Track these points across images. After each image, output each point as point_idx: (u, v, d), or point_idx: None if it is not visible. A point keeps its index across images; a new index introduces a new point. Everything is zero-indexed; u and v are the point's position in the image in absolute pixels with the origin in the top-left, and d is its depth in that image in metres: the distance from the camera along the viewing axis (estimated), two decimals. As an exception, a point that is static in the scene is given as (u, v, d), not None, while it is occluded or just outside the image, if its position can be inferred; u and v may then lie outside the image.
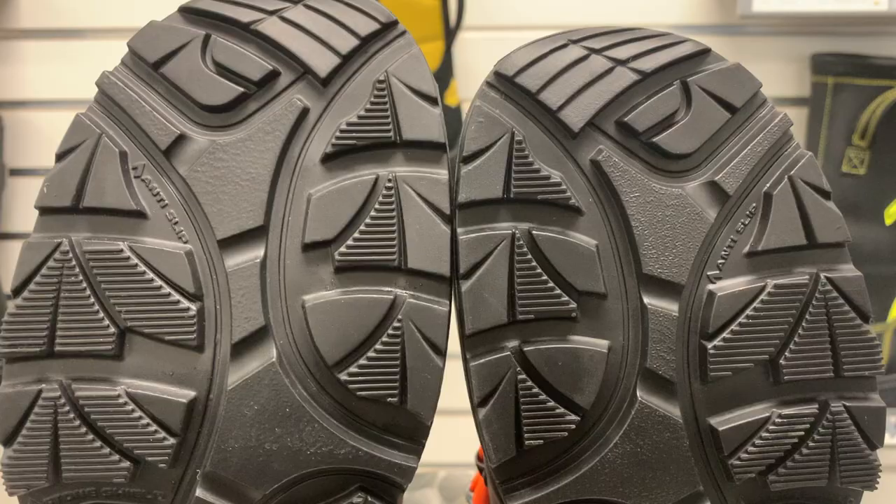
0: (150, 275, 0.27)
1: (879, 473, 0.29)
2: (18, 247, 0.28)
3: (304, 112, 0.28)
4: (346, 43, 0.28)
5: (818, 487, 0.29)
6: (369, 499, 0.28)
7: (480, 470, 0.43)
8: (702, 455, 0.28)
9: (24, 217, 1.00)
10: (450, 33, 0.80)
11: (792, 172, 0.28)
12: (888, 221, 0.88)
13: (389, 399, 0.27)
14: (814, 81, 0.84)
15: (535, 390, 0.27)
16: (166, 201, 0.28)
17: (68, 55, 0.91)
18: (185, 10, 0.29)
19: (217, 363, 0.27)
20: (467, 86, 0.89)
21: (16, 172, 0.95)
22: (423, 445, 0.28)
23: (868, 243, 0.93)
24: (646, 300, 0.28)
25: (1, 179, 0.93)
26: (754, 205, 0.28)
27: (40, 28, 0.91)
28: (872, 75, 0.84)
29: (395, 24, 0.29)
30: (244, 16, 0.29)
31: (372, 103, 0.28)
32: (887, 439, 1.00)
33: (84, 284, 0.27)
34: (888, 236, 0.87)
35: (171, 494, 0.28)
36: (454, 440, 0.72)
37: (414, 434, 0.28)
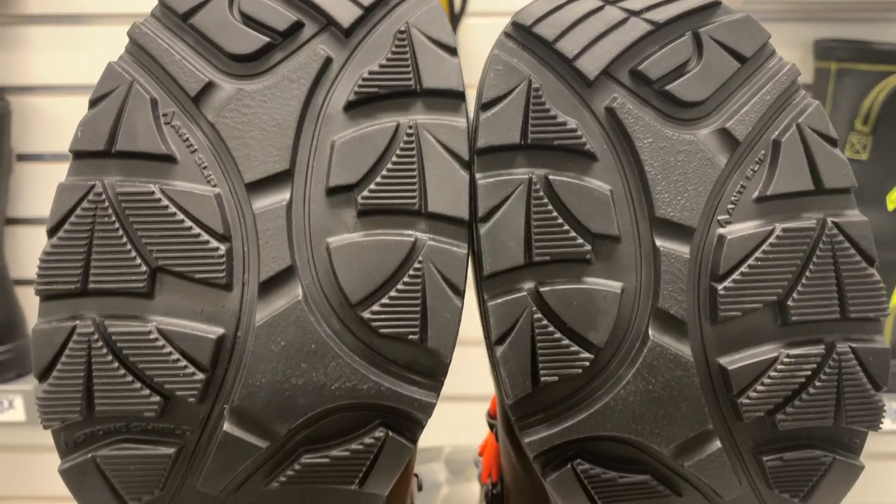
0: (181, 216, 0.28)
1: (884, 414, 0.30)
2: (26, 232, 0.29)
3: (328, 61, 0.29)
4: None
5: (824, 427, 0.30)
6: (391, 434, 0.29)
7: (491, 427, 0.44)
8: (712, 394, 0.29)
9: (32, 202, 1.01)
10: (454, 18, 0.81)
11: (800, 120, 0.29)
12: (890, 207, 0.89)
13: (410, 337, 0.28)
14: (817, 67, 0.85)
15: (551, 329, 0.28)
16: (195, 146, 0.29)
17: (75, 41, 0.92)
18: None
19: (245, 302, 0.28)
20: (471, 72, 0.90)
21: (23, 158, 0.96)
22: (441, 383, 0.29)
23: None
24: (658, 243, 0.29)
25: (8, 165, 0.94)
26: (763, 152, 0.29)
27: (47, 14, 0.92)
28: (875, 61, 0.84)
29: (415, -22, 0.30)
30: None
31: (393, 53, 0.29)
32: (888, 425, 1.01)
33: (117, 225, 0.28)
34: (891, 221, 0.88)
35: (199, 430, 0.29)
36: (459, 424, 0.73)
37: (434, 372, 0.29)
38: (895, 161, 0.86)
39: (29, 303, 0.95)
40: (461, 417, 0.72)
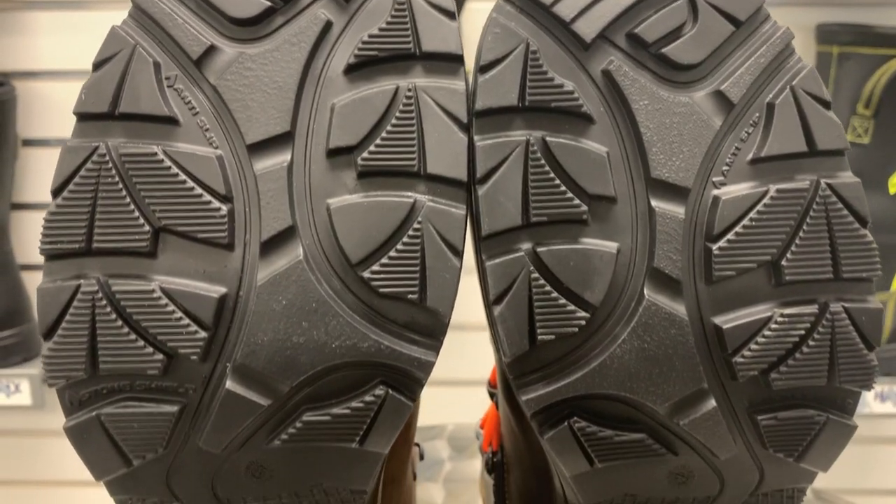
0: (183, 176, 0.28)
1: (876, 374, 0.31)
2: (32, 217, 0.29)
3: (328, 25, 0.29)
4: None
5: (818, 387, 0.30)
6: (391, 392, 0.29)
7: (492, 396, 0.44)
8: (706, 353, 0.30)
9: (37, 188, 1.01)
10: (458, 2, 0.81)
11: (794, 83, 0.29)
12: (892, 190, 0.89)
13: (410, 296, 0.29)
14: (819, 51, 0.85)
15: (548, 288, 0.29)
16: (197, 109, 0.29)
17: (80, 26, 0.92)
18: None
19: (246, 262, 0.29)
20: (472, 57, 0.90)
21: (28, 143, 0.97)
22: (440, 343, 0.30)
23: (872, 212, 0.94)
24: (653, 203, 0.29)
25: (13, 150, 0.94)
26: (758, 114, 0.30)
27: (52, -1, 0.92)
28: (877, 44, 0.84)
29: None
30: None
31: (393, 17, 0.29)
32: (887, 408, 1.01)
33: (120, 185, 0.28)
34: (892, 205, 0.88)
35: (202, 388, 0.29)
36: (461, 406, 0.73)
37: (433, 331, 0.29)
38: (897, 145, 0.86)
39: (35, 288, 0.96)
40: (463, 400, 0.73)
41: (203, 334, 0.28)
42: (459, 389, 0.81)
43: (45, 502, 1.06)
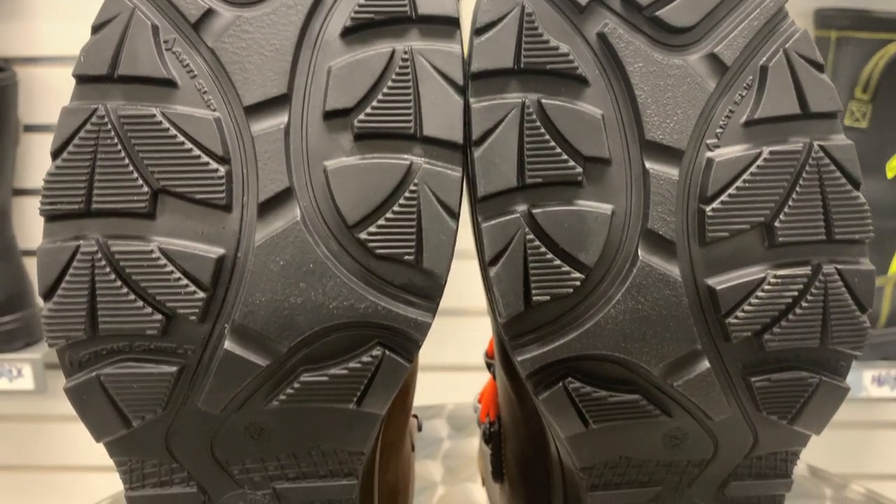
0: (181, 138, 0.29)
1: (868, 337, 0.31)
2: (34, 203, 0.29)
3: (325, -11, 0.29)
4: None
5: (811, 349, 0.31)
6: (387, 353, 0.30)
7: (489, 366, 0.44)
8: (700, 314, 0.30)
9: (39, 173, 1.01)
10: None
11: (787, 46, 0.30)
12: (890, 175, 0.89)
13: (406, 257, 0.29)
14: (816, 36, 0.85)
15: (543, 249, 0.29)
16: (195, 72, 0.29)
17: (81, 11, 0.91)
18: None
19: (244, 223, 0.29)
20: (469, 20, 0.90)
21: (29, 129, 0.97)
22: (437, 304, 0.30)
23: (869, 197, 0.94)
24: (648, 165, 0.29)
25: (15, 135, 0.95)
26: (751, 77, 0.30)
27: (53, -17, 0.92)
28: (875, 29, 0.85)
29: None
30: None
31: (389, -20, 0.29)
32: (886, 392, 1.01)
33: (119, 147, 0.28)
34: (889, 189, 0.89)
35: (201, 349, 0.29)
36: (460, 388, 0.74)
37: (429, 293, 0.30)
38: (894, 129, 0.86)
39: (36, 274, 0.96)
40: (462, 384, 0.73)
41: (201, 294, 0.29)
42: (459, 374, 0.82)
43: (47, 487, 1.07)
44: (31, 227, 0.95)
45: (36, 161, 0.98)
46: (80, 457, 1.05)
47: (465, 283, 0.88)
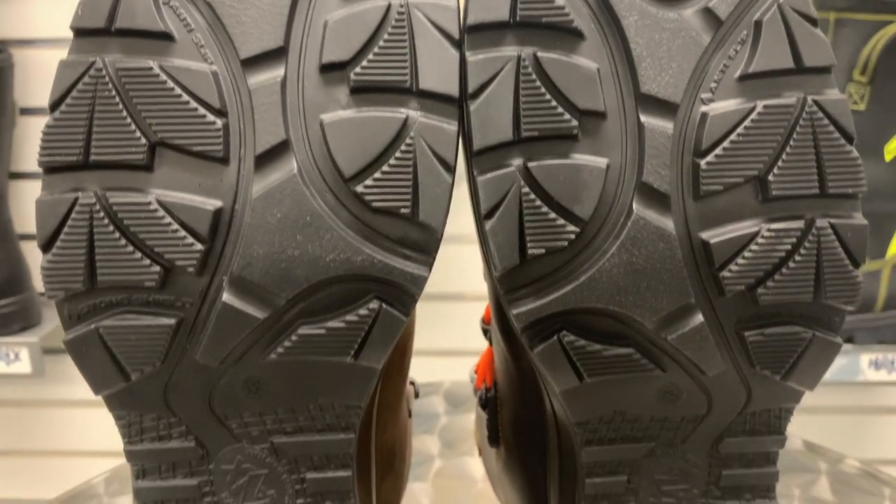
0: (179, 91, 0.29)
1: (860, 291, 0.31)
2: (30, 186, 0.30)
3: (321, -57, 0.30)
4: None
5: (804, 303, 0.31)
6: (384, 306, 0.30)
7: (485, 332, 0.45)
8: (694, 268, 0.30)
9: (35, 156, 1.01)
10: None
11: (781, 0, 0.30)
12: (888, 157, 0.90)
13: (402, 210, 0.29)
14: (815, 17, 0.85)
15: (538, 203, 0.29)
16: (192, 26, 0.29)
17: (78, -6, 0.92)
18: None
19: (241, 176, 0.29)
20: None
21: (26, 111, 0.97)
22: (433, 258, 0.30)
23: (867, 179, 0.94)
24: (643, 118, 0.29)
25: (11, 118, 0.95)
26: (745, 32, 0.30)
27: (49, -34, 0.92)
28: (874, 10, 0.84)
29: None
30: None
31: (384, -65, 0.30)
32: (883, 376, 1.01)
33: (117, 99, 0.29)
34: (887, 172, 0.89)
35: (199, 301, 0.30)
36: (457, 370, 0.74)
37: (425, 247, 0.30)
38: (893, 112, 0.86)
39: (33, 257, 0.96)
40: (459, 367, 0.73)
41: (199, 247, 0.29)
42: (457, 359, 0.82)
43: (43, 472, 1.07)
44: (28, 210, 0.94)
45: (33, 144, 0.97)
46: (78, 441, 1.06)
47: (462, 268, 0.88)
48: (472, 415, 0.66)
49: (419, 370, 0.49)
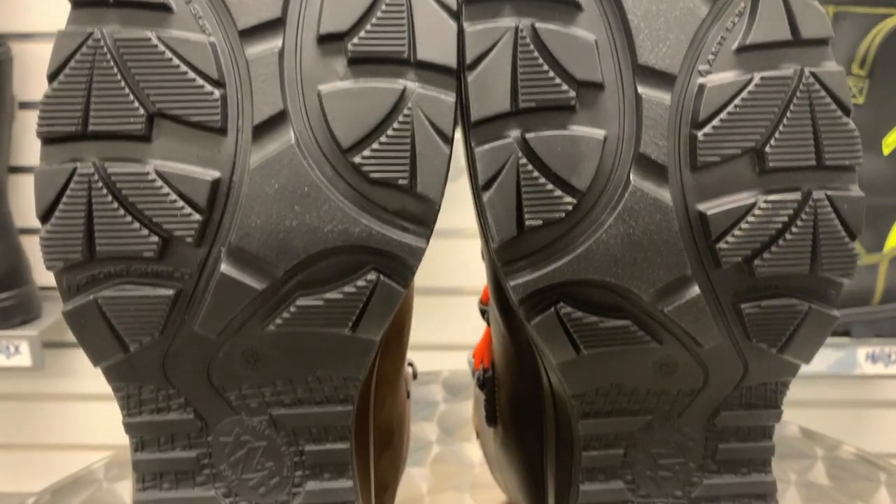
0: (177, 61, 0.29)
1: (857, 263, 0.31)
2: (30, 180, 0.30)
3: (319, -87, 0.30)
4: None
5: (801, 275, 0.31)
6: (382, 278, 0.30)
7: (483, 312, 0.45)
8: (690, 240, 0.30)
9: (35, 150, 1.01)
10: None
11: (778, -28, 0.30)
12: (886, 151, 0.90)
13: (400, 181, 0.29)
14: (813, 9, 0.85)
15: (535, 174, 0.29)
16: (191, -2, 0.29)
17: (77, -14, 0.92)
18: None
19: (239, 146, 0.29)
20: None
21: (25, 105, 0.97)
22: (431, 230, 0.30)
23: (865, 173, 0.94)
24: (640, 90, 0.30)
25: (10, 112, 0.95)
26: (743, 4, 0.30)
27: (48, -41, 0.92)
28: (872, 3, 0.85)
29: None
30: None
31: None
32: (880, 369, 1.01)
33: (115, 70, 0.29)
34: (886, 166, 0.89)
35: (197, 273, 0.30)
36: (456, 360, 0.74)
37: (423, 219, 0.30)
38: (891, 105, 0.87)
39: (33, 251, 0.96)
40: (459, 360, 0.74)
41: (197, 217, 0.29)
42: (456, 353, 0.82)
43: (43, 465, 1.07)
44: (27, 204, 0.95)
45: (32, 138, 0.97)
46: (77, 435, 1.06)
47: (461, 263, 0.88)
48: (470, 402, 0.66)
49: (419, 363, 0.49)
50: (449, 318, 0.91)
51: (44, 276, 0.96)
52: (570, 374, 0.32)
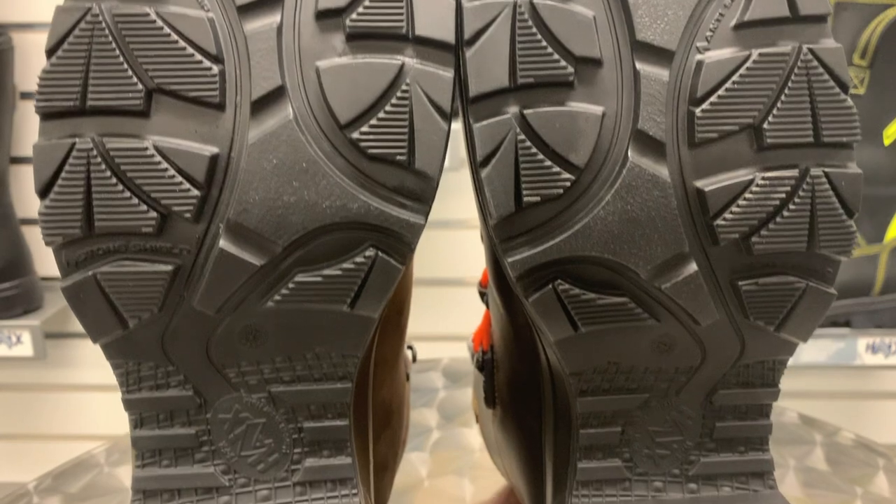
0: (175, 37, 0.29)
1: (854, 242, 0.31)
2: (30, 170, 0.29)
3: None
4: None
5: (798, 253, 0.31)
6: (380, 254, 0.30)
7: (482, 295, 0.45)
8: (688, 217, 0.30)
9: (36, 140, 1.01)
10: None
11: (777, -51, 0.30)
12: (887, 142, 0.90)
13: (398, 157, 0.29)
14: None
15: (534, 150, 0.29)
16: (189, -27, 0.29)
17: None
18: None
19: (237, 122, 0.29)
20: None
21: (26, 95, 0.97)
22: (429, 207, 0.30)
23: (866, 164, 0.94)
24: (638, 66, 0.30)
25: (11, 102, 0.95)
26: (741, -20, 0.30)
27: (49, -51, 0.92)
28: (874, -7, 0.84)
29: None
30: None
31: None
32: (880, 360, 1.01)
33: (113, 45, 0.29)
34: (887, 157, 0.89)
35: (196, 249, 0.30)
36: (456, 350, 0.74)
37: (421, 195, 0.30)
38: (892, 96, 0.86)
39: (34, 242, 0.97)
40: (459, 350, 0.74)
41: (196, 192, 0.29)
42: (456, 343, 0.82)
43: (45, 455, 1.07)
44: (28, 195, 0.95)
45: (33, 128, 0.97)
46: (79, 425, 1.06)
47: (461, 253, 0.88)
48: (469, 389, 0.66)
49: (420, 354, 0.49)
50: (450, 308, 0.92)
51: (45, 267, 0.96)
52: (568, 352, 0.32)
